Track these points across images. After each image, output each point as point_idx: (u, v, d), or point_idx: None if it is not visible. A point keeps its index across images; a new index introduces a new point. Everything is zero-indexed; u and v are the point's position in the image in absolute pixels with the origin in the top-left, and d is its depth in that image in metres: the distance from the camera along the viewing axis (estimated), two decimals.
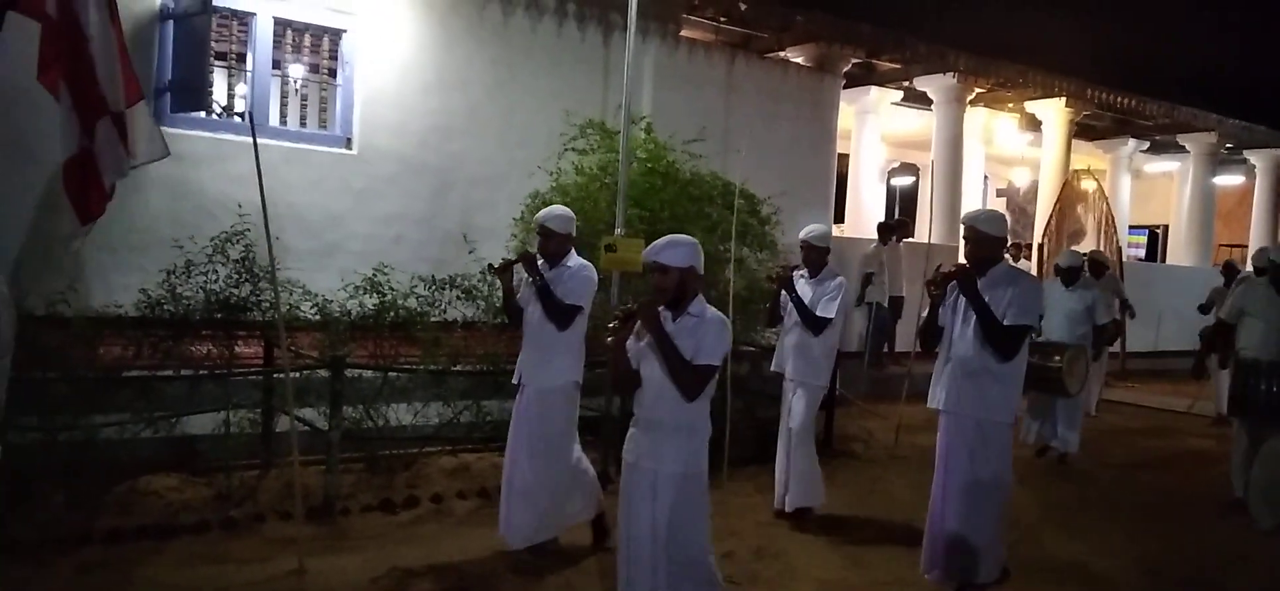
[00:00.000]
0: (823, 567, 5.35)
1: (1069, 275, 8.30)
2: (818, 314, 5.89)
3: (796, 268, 6.15)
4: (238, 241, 6.38)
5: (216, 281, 6.30)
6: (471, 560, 5.13)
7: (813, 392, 6.10)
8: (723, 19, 11.57)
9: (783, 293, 6.03)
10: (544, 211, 5.18)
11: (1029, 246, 15.73)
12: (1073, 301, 8.15)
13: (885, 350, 11.81)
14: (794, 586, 5.08)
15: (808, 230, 6.19)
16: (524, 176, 8.38)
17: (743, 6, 11.01)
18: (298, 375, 5.91)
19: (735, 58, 11.26)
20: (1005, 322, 4.47)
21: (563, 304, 4.91)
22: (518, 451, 5.08)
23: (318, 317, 6.59)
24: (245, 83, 8.32)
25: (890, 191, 19.26)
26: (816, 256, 6.11)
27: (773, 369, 6.31)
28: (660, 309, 3.77)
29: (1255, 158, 18.78)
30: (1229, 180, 20.06)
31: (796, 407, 6.09)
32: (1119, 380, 12.94)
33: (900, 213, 17.95)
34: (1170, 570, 5.68)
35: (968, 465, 4.65)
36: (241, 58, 8.30)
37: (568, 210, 5.28)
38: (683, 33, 10.92)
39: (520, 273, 5.15)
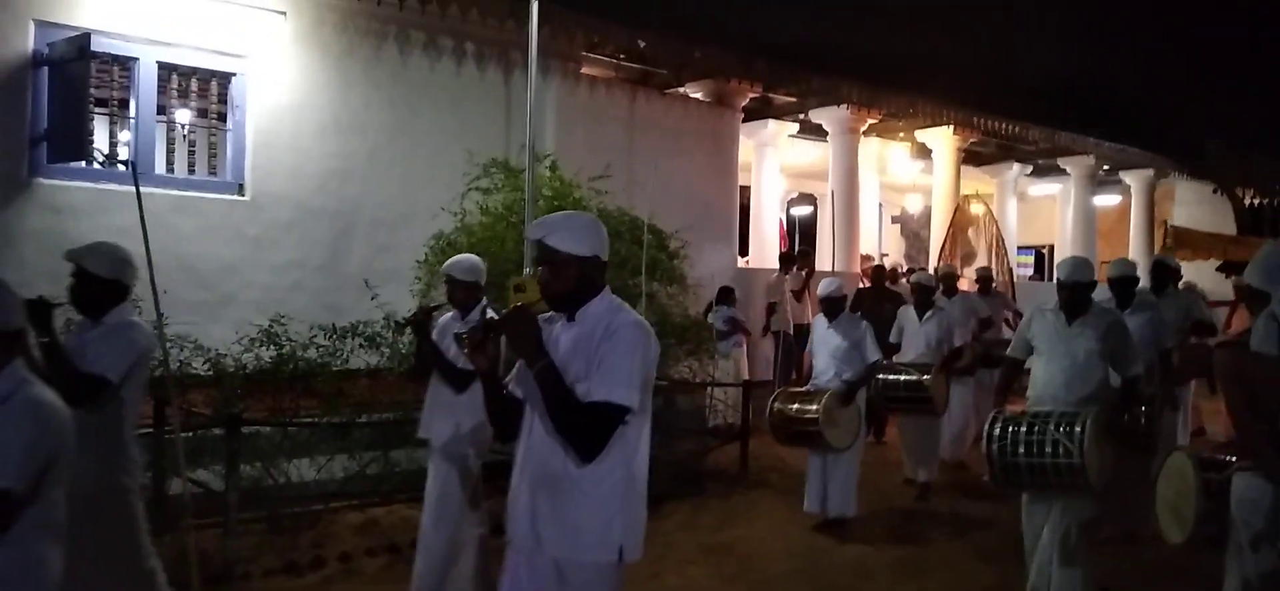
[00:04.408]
0: None
1: (830, 307, 6.94)
2: (461, 366, 4.51)
3: (440, 306, 4.94)
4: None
5: None
6: None
7: (462, 468, 4.75)
8: (622, 56, 11.64)
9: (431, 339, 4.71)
10: None
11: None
12: (835, 338, 6.86)
13: (793, 378, 11.93)
14: None
15: (451, 262, 4.97)
16: (427, 218, 8.20)
17: (641, 44, 11.09)
18: (190, 434, 5.61)
19: (636, 94, 11.33)
20: (592, 398, 2.71)
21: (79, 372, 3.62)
22: None
23: (210, 373, 6.29)
24: (128, 129, 7.97)
25: (790, 222, 19.59)
26: (464, 294, 4.79)
27: (419, 435, 4.99)
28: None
29: (1130, 178, 19.78)
30: (1107, 200, 21.05)
31: (448, 493, 4.76)
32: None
33: (800, 242, 18.27)
34: None
35: None
36: (124, 104, 7.96)
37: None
38: (583, 70, 10.93)
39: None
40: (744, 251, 15.12)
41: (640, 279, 7.04)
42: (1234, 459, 3.59)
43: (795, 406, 6.72)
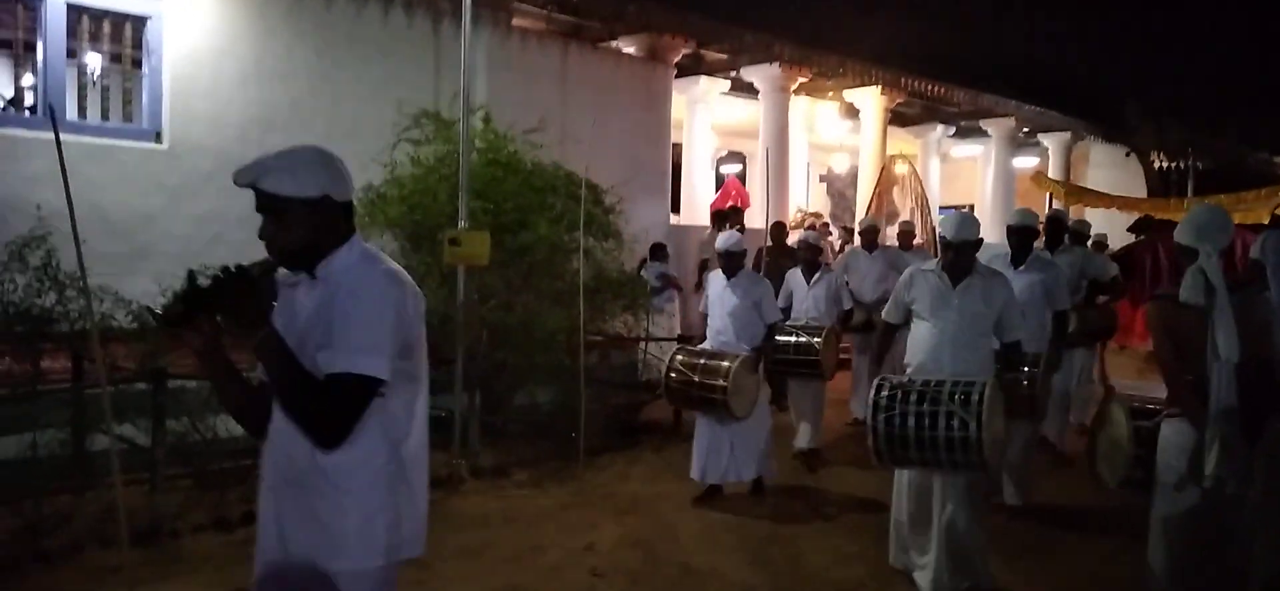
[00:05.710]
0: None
1: (729, 262, 6.38)
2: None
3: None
4: (38, 247, 5.78)
5: (15, 291, 5.69)
6: None
7: None
8: (553, 7, 11.47)
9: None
10: None
11: (849, 229, 16.42)
12: (733, 297, 6.36)
13: None
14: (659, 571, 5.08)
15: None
16: (355, 170, 7.85)
17: None
18: (113, 389, 5.41)
19: (568, 47, 11.19)
20: (331, 369, 2.20)
21: None
22: None
23: (135, 325, 6.06)
24: (34, 73, 7.58)
25: (719, 179, 19.66)
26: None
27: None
28: None
29: (1048, 140, 20.36)
30: (1026, 161, 21.63)
31: None
32: None
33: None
34: None
35: None
36: (29, 46, 7.56)
37: None
38: (515, 21, 10.75)
39: None
40: (676, 208, 15.16)
41: (577, 234, 7.00)
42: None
43: (700, 367, 6.21)
